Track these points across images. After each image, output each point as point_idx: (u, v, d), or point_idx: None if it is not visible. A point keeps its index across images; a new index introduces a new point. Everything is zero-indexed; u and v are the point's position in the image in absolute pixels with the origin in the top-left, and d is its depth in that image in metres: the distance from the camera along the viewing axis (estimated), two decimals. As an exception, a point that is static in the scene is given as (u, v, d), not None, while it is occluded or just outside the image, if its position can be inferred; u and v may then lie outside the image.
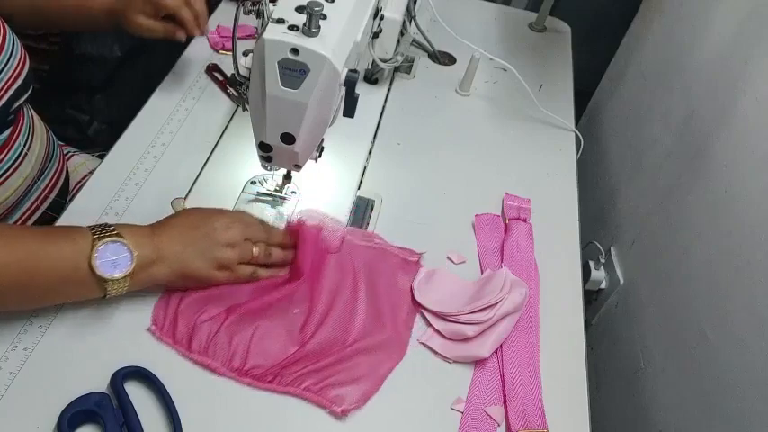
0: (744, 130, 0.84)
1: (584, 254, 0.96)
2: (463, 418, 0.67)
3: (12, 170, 0.78)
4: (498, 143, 1.01)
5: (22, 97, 0.77)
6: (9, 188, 0.79)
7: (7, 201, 0.79)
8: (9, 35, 0.75)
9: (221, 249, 0.70)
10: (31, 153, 0.81)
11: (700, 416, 0.82)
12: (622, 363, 1.05)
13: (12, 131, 0.77)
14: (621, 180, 1.20)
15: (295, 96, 0.66)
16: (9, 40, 0.75)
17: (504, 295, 0.73)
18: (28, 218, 0.85)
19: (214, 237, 0.70)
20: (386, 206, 0.88)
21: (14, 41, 0.76)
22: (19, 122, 0.79)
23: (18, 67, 0.76)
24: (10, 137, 0.77)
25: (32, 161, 0.82)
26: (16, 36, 0.77)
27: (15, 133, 0.78)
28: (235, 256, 0.71)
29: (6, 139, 0.76)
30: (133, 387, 0.65)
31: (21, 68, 0.76)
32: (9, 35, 0.75)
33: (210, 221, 0.71)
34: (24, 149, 0.80)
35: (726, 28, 0.95)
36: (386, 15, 0.93)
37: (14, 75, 0.75)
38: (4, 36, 0.74)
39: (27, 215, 0.84)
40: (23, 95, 0.78)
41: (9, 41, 0.75)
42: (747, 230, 0.79)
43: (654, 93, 1.14)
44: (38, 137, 0.83)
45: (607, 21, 1.47)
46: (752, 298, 0.76)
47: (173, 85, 0.99)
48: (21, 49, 0.77)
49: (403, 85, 1.08)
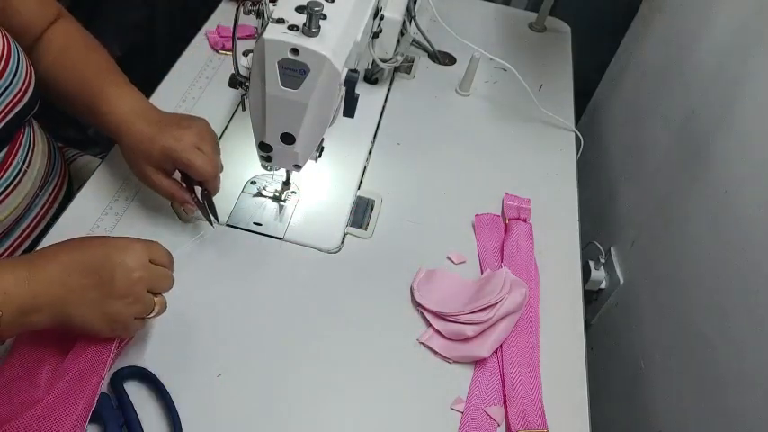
0: (743, 130, 0.84)
1: (584, 254, 0.96)
2: (463, 418, 0.67)
3: (9, 190, 0.75)
4: (498, 143, 1.01)
5: (26, 116, 0.74)
6: (7, 208, 0.75)
7: (6, 220, 0.76)
8: (14, 52, 0.71)
9: (117, 305, 0.59)
10: (32, 170, 0.78)
11: (699, 416, 0.82)
12: (622, 363, 1.05)
13: (9, 150, 0.73)
14: (621, 180, 1.20)
15: (295, 96, 0.66)
16: (14, 57, 0.70)
17: (504, 295, 0.73)
18: (31, 231, 0.81)
19: (111, 289, 0.58)
20: (386, 206, 0.88)
21: (20, 59, 0.71)
22: (18, 140, 0.75)
23: (24, 86, 0.72)
24: (6, 157, 0.73)
25: (33, 177, 0.78)
26: (23, 51, 0.73)
27: (13, 152, 0.74)
28: (133, 312, 0.60)
29: (2, 160, 0.72)
30: (133, 387, 0.65)
31: (27, 87, 0.72)
32: (14, 52, 0.71)
33: (108, 266, 0.58)
34: (24, 167, 0.76)
35: (726, 28, 0.95)
36: (386, 15, 0.93)
37: (19, 93, 0.71)
38: (9, 54, 0.70)
39: (30, 229, 0.81)
40: (28, 114, 0.74)
41: (14, 60, 0.70)
42: (747, 230, 0.79)
43: (654, 93, 1.14)
44: (38, 151, 0.80)
45: (607, 21, 1.46)
46: (751, 298, 0.76)
47: (173, 86, 0.99)
48: (26, 68, 0.73)
49: (403, 85, 1.08)
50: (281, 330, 0.72)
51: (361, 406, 0.67)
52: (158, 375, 0.65)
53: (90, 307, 0.58)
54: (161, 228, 0.79)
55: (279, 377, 0.68)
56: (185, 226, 0.80)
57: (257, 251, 0.80)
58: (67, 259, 0.58)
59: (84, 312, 0.58)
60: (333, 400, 0.67)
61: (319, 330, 0.73)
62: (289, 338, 0.72)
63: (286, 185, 0.85)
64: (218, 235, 0.80)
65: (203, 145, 0.73)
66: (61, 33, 0.81)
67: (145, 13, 1.36)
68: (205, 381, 0.66)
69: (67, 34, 0.81)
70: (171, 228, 0.80)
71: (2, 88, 0.69)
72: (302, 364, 0.70)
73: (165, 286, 0.63)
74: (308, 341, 0.72)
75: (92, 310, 0.58)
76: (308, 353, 0.71)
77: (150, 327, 0.70)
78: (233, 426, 0.64)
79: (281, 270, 0.78)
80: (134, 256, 0.59)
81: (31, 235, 0.81)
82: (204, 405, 0.65)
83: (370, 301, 0.76)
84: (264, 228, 0.82)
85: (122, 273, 0.58)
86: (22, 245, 0.80)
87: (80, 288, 0.57)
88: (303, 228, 0.83)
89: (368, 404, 0.67)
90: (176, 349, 0.69)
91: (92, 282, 0.58)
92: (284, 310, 0.74)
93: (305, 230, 0.82)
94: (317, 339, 0.72)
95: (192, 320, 0.71)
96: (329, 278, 0.78)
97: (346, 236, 0.83)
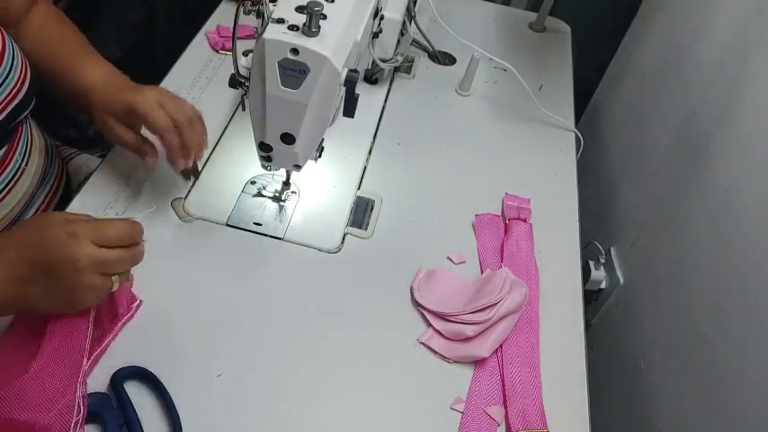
0: (743, 130, 0.84)
1: (584, 254, 0.96)
2: (463, 418, 0.67)
3: (9, 188, 0.75)
4: (498, 143, 1.01)
5: (22, 113, 0.74)
6: (6, 206, 0.76)
7: (4, 218, 0.76)
8: (9, 48, 0.71)
9: (72, 295, 0.60)
10: (30, 168, 0.78)
11: (699, 416, 0.82)
12: (622, 363, 1.05)
13: (8, 148, 0.74)
14: (621, 180, 1.20)
15: (295, 96, 0.66)
16: (9, 53, 0.71)
17: (504, 295, 0.73)
18: None
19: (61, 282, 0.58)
20: (386, 206, 0.88)
21: (15, 54, 0.72)
22: (16, 138, 0.75)
23: (19, 82, 0.72)
24: (6, 154, 0.74)
25: (31, 176, 0.79)
26: (18, 47, 0.73)
27: (12, 150, 0.75)
28: (91, 297, 0.61)
29: (2, 157, 0.73)
30: (133, 387, 0.65)
31: (21, 83, 0.73)
32: (9, 48, 0.71)
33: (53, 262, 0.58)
34: (22, 165, 0.76)
35: (726, 28, 0.95)
36: (386, 15, 0.93)
37: (14, 90, 0.71)
38: (3, 48, 0.70)
39: None
40: (24, 111, 0.74)
41: (9, 54, 0.71)
42: (747, 230, 0.79)
43: (654, 93, 1.14)
44: (36, 149, 0.80)
45: (607, 21, 1.47)
46: (751, 298, 0.76)
47: (173, 86, 0.99)
48: (22, 62, 0.73)
49: (403, 85, 1.08)
50: (281, 330, 0.72)
51: (361, 406, 0.67)
52: (158, 375, 0.65)
53: (47, 299, 0.60)
54: (161, 228, 0.79)
55: (279, 377, 0.68)
56: (182, 225, 0.80)
57: (257, 251, 0.80)
58: (15, 255, 0.58)
59: (43, 304, 0.60)
60: (333, 400, 0.67)
61: (319, 330, 0.73)
62: (289, 338, 0.72)
63: (286, 185, 0.85)
64: (218, 235, 0.80)
65: (165, 101, 0.74)
66: (38, 15, 0.83)
67: (145, 13, 1.36)
68: (205, 381, 0.66)
69: (45, 15, 0.84)
70: (170, 227, 0.80)
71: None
72: (302, 363, 0.70)
73: (121, 267, 0.62)
74: (308, 341, 0.72)
75: (49, 301, 0.60)
76: (307, 353, 0.71)
77: (150, 327, 0.70)
78: (233, 426, 0.64)
79: (281, 270, 0.78)
80: (76, 248, 0.58)
81: None
82: (204, 405, 0.64)
83: (370, 301, 0.76)
84: (264, 228, 0.82)
85: (68, 267, 0.58)
86: None
87: (33, 284, 0.58)
88: (303, 228, 0.83)
89: (368, 404, 0.67)
90: (176, 349, 0.69)
91: (41, 277, 0.58)
92: (284, 310, 0.74)
93: (305, 230, 0.82)
94: (316, 339, 0.72)
95: (192, 320, 0.71)
96: (329, 278, 0.78)
97: (346, 236, 0.83)
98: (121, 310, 0.69)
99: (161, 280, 0.74)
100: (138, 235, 0.63)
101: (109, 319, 0.68)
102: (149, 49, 1.39)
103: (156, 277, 0.74)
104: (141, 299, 0.71)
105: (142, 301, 0.71)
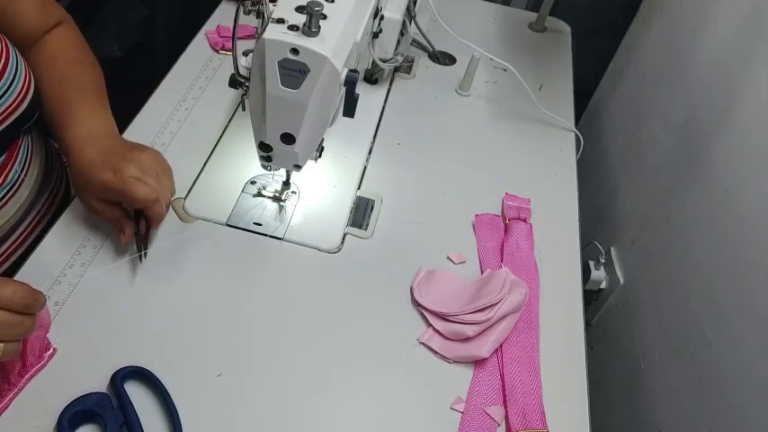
0: (743, 130, 0.84)
1: (584, 254, 0.96)
2: (463, 418, 0.67)
3: (6, 199, 0.74)
4: (498, 143, 1.01)
5: (24, 125, 0.73)
6: (3, 217, 0.74)
7: (2, 229, 0.75)
8: (13, 58, 0.70)
9: None
10: (29, 178, 0.77)
11: (699, 416, 0.82)
12: (622, 363, 1.05)
13: (6, 159, 0.73)
14: (621, 180, 1.20)
15: (295, 96, 0.66)
16: (12, 63, 0.69)
17: (504, 295, 0.73)
18: (26, 238, 0.79)
19: None
20: (386, 206, 0.88)
21: (18, 65, 0.70)
22: (15, 149, 0.74)
23: (21, 93, 0.71)
24: (4, 166, 0.72)
25: (30, 186, 0.77)
26: (22, 59, 0.72)
27: (10, 161, 0.73)
28: None
29: (0, 168, 0.72)
30: (133, 387, 0.65)
31: (24, 94, 0.72)
32: (13, 58, 0.70)
33: None
34: (21, 176, 0.75)
35: (726, 28, 0.95)
36: (386, 15, 0.93)
37: (17, 101, 0.70)
38: (7, 59, 0.69)
39: (25, 235, 0.79)
40: (26, 123, 0.73)
41: (12, 65, 0.69)
42: (747, 230, 0.79)
43: (654, 93, 1.14)
44: (36, 160, 0.79)
45: (607, 21, 1.47)
46: (752, 298, 0.76)
47: (173, 85, 0.99)
48: (25, 74, 0.72)
49: (403, 85, 1.08)
50: (281, 330, 0.72)
51: (361, 406, 0.67)
52: (158, 375, 0.65)
53: None
54: (161, 228, 0.79)
55: (279, 377, 0.68)
56: (182, 225, 0.80)
57: (257, 251, 0.80)
58: None
59: None
60: (333, 399, 0.67)
61: (319, 330, 0.73)
62: (289, 338, 0.72)
63: (286, 185, 0.85)
64: (218, 235, 0.80)
65: (145, 177, 0.71)
66: (56, 40, 0.80)
67: (145, 14, 1.36)
68: (205, 381, 0.66)
69: (62, 42, 0.80)
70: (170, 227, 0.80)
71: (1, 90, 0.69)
72: (302, 363, 0.70)
73: (10, 334, 0.55)
74: (308, 341, 0.72)
75: None
76: (307, 353, 0.71)
77: (151, 327, 0.70)
78: (233, 426, 0.64)
79: (281, 270, 0.78)
80: None
81: (26, 241, 0.80)
82: (204, 405, 0.65)
83: (369, 301, 0.76)
84: (264, 228, 0.82)
85: None
86: (17, 251, 0.79)
87: None
88: (303, 228, 0.83)
89: (368, 404, 0.67)
90: (176, 349, 0.69)
91: None
92: (284, 311, 0.74)
93: (305, 230, 0.82)
94: (316, 339, 0.72)
95: (192, 320, 0.71)
96: (329, 278, 0.78)
97: (346, 236, 0.83)
98: (31, 359, 0.63)
99: (161, 280, 0.74)
100: (35, 305, 0.57)
101: (15, 373, 0.62)
102: (149, 49, 1.39)
103: (156, 277, 0.74)
104: (55, 346, 0.66)
105: (56, 349, 0.66)
